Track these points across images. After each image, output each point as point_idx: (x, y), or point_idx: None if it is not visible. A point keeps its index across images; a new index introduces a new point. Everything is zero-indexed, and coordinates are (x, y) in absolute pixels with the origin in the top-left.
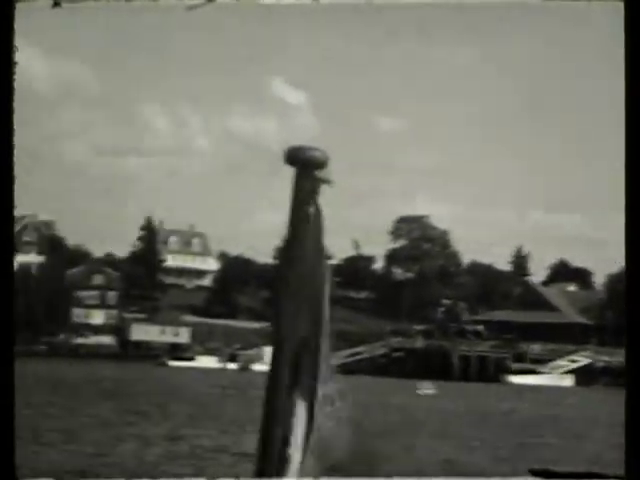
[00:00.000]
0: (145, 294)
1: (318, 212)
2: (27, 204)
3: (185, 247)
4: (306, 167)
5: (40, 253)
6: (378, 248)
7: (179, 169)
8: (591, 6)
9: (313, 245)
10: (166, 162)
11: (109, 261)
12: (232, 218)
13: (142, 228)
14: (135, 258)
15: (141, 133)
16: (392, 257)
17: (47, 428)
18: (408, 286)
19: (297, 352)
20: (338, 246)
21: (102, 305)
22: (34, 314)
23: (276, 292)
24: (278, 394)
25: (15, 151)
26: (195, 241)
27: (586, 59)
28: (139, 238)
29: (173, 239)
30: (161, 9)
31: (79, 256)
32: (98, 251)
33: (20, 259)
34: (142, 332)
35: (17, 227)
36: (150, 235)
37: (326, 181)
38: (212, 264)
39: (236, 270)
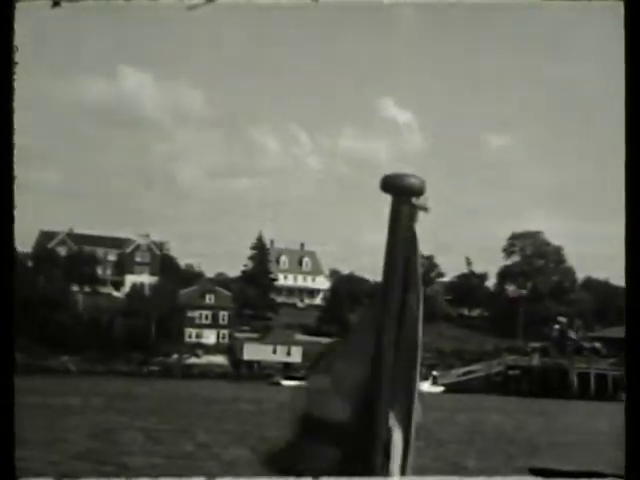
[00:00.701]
0: (257, 313)
1: (414, 238)
2: (140, 225)
3: (296, 266)
4: (402, 194)
5: (152, 274)
6: (491, 265)
7: (290, 189)
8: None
9: (409, 271)
10: (277, 182)
11: (221, 281)
12: (343, 237)
13: (253, 247)
14: (247, 277)
15: (252, 154)
16: (505, 274)
17: (157, 453)
18: (522, 303)
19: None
20: (450, 263)
21: (214, 325)
22: (146, 335)
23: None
24: (380, 423)
25: (126, 173)
26: (306, 260)
27: None
28: (250, 257)
29: (284, 258)
30: (161, 9)
31: (191, 276)
32: (210, 271)
33: (133, 279)
34: (254, 351)
35: (129, 248)
36: (261, 254)
37: (423, 208)
38: (323, 283)
39: (348, 288)
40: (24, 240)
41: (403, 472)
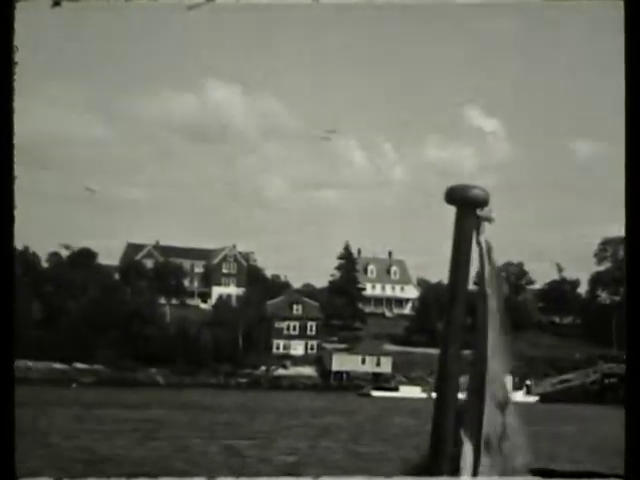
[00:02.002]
0: (345, 324)
1: (482, 249)
2: (226, 237)
3: (384, 275)
4: (467, 206)
5: (239, 285)
6: (582, 271)
7: (376, 199)
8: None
9: (478, 281)
10: (363, 193)
11: (308, 291)
12: (431, 245)
13: (340, 257)
14: (334, 288)
15: (338, 166)
16: (597, 280)
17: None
18: (615, 309)
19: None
20: (541, 270)
21: (302, 336)
22: (234, 347)
23: (447, 324)
24: (445, 434)
25: (213, 186)
26: (394, 269)
27: None
28: (338, 267)
29: (372, 267)
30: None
31: (278, 287)
32: (297, 282)
33: (220, 291)
34: (343, 362)
35: (216, 259)
36: (349, 264)
37: (487, 219)
38: (412, 292)
39: (436, 297)
40: (112, 253)
41: None
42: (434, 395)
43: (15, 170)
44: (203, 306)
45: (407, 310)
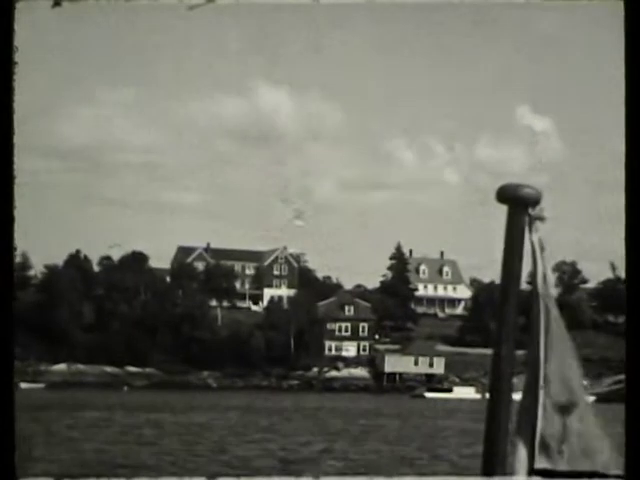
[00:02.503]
0: (397, 324)
1: (535, 248)
2: (278, 239)
3: (436, 275)
4: (518, 205)
5: (291, 287)
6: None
7: (427, 199)
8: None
9: (531, 280)
10: (414, 193)
11: (360, 292)
12: (483, 245)
13: (392, 257)
14: (386, 288)
15: (388, 166)
16: None
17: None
18: None
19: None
20: (595, 269)
21: (354, 337)
22: (286, 349)
23: (499, 323)
24: (499, 435)
25: (264, 189)
26: (446, 269)
27: None
28: (389, 268)
29: (424, 267)
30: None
31: (329, 288)
32: (348, 283)
33: (271, 293)
34: (396, 363)
35: (267, 261)
36: (400, 264)
37: (540, 218)
38: (464, 292)
39: (489, 297)
40: (162, 256)
41: None
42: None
43: (69, 175)
44: (254, 308)
45: (460, 310)
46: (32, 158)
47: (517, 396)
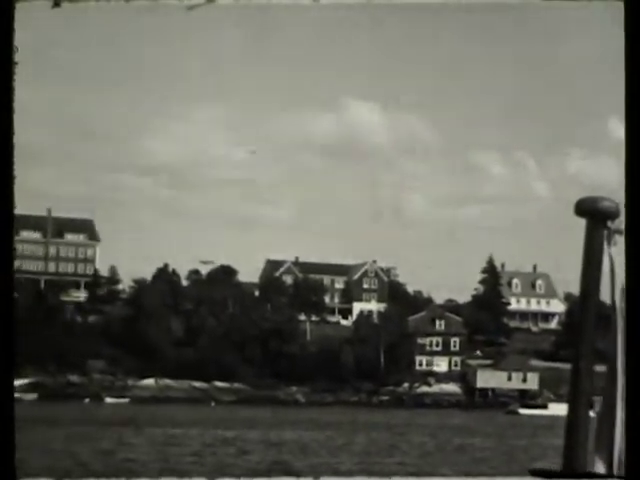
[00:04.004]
0: (489, 339)
1: (613, 261)
2: (367, 253)
3: (529, 289)
4: (597, 218)
5: (380, 300)
6: None
7: (519, 213)
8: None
9: (610, 293)
10: (506, 207)
11: (451, 306)
12: (576, 259)
13: (483, 271)
14: (477, 302)
15: (479, 181)
16: None
17: None
18: None
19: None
20: None
21: (445, 352)
22: (376, 363)
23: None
24: (578, 450)
25: (354, 203)
26: (539, 283)
27: None
28: (481, 281)
29: (516, 281)
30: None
31: (420, 303)
32: (439, 297)
33: (361, 307)
34: (488, 378)
35: (357, 275)
36: (492, 278)
37: (618, 231)
38: (558, 306)
39: None
40: (251, 270)
41: None
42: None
43: (159, 191)
44: (344, 322)
45: (554, 325)
46: (126, 175)
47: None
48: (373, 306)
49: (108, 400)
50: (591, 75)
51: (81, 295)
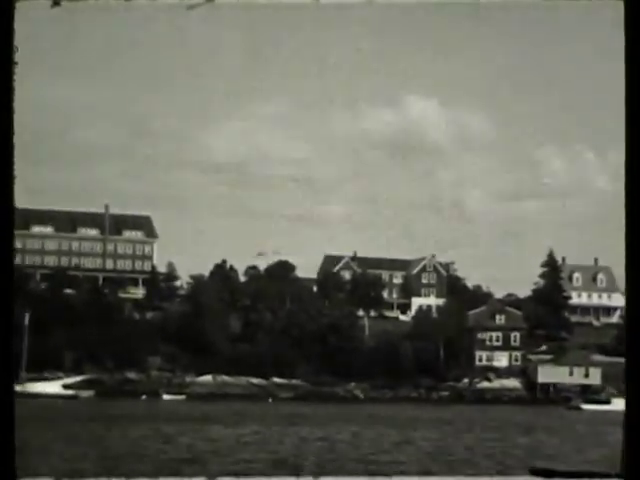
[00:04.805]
0: (550, 333)
1: None
2: (426, 248)
3: (590, 283)
4: None
5: (439, 295)
6: None
7: (579, 207)
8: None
9: None
10: (565, 201)
11: (511, 301)
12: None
13: (544, 265)
14: (538, 296)
15: (538, 175)
16: None
17: None
18: None
19: None
20: None
21: (505, 346)
22: (435, 359)
23: None
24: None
25: (413, 199)
26: (600, 276)
27: None
28: (541, 275)
29: (577, 275)
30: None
31: (479, 297)
32: (499, 291)
33: (419, 302)
34: (549, 374)
35: (415, 269)
36: (553, 272)
37: None
38: (620, 300)
39: None
40: (309, 266)
41: None
42: None
43: (218, 188)
44: (403, 318)
45: (615, 319)
46: (184, 172)
47: None
48: (432, 301)
49: (165, 397)
50: None
51: (139, 292)
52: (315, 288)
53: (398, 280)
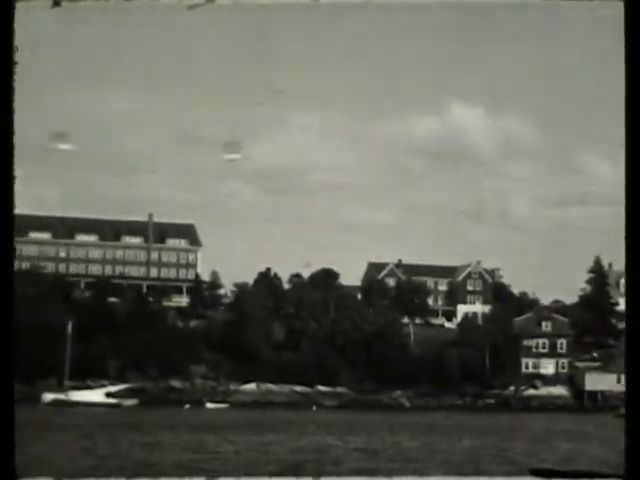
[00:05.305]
0: (597, 340)
1: None
2: (471, 255)
3: None
4: None
5: (485, 302)
6: None
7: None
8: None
9: None
10: (612, 208)
11: (557, 308)
12: None
13: (590, 271)
14: (585, 303)
15: (584, 182)
16: None
17: None
18: None
19: None
20: None
21: (552, 354)
22: (481, 366)
23: None
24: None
25: (458, 206)
26: None
27: None
28: (588, 282)
29: (624, 281)
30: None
31: (525, 304)
32: (545, 298)
33: (465, 309)
34: (597, 381)
35: (461, 276)
36: (600, 278)
37: None
38: None
39: None
40: (353, 274)
41: None
42: None
43: (261, 196)
44: (448, 325)
45: None
46: (228, 181)
47: None
48: (478, 308)
49: (209, 405)
50: None
51: (183, 300)
52: (359, 295)
53: (443, 287)
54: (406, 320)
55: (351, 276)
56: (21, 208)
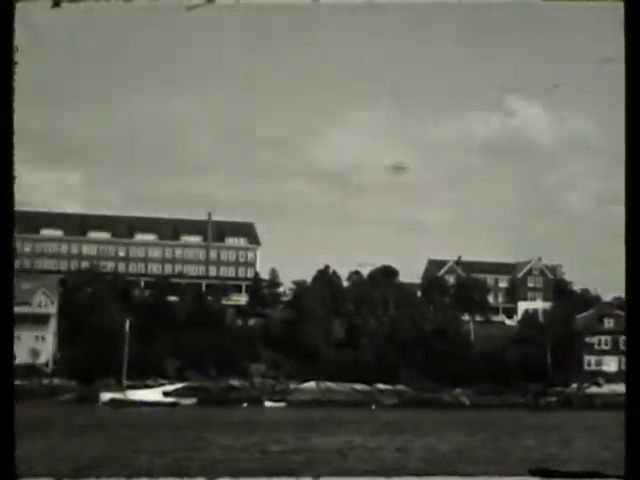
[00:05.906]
0: None
1: None
2: (529, 251)
3: None
4: None
5: (546, 299)
6: None
7: None
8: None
9: None
10: None
11: (619, 304)
12: None
13: None
14: None
15: None
16: None
17: None
18: None
19: None
20: None
21: (615, 351)
22: (542, 364)
23: None
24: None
25: (517, 202)
26: None
27: None
28: None
29: None
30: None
31: (587, 301)
32: (607, 294)
33: (526, 306)
34: None
35: (521, 273)
36: None
37: None
38: None
39: None
40: (413, 272)
41: None
42: None
43: (321, 195)
44: (508, 322)
45: None
46: (288, 180)
47: None
48: (538, 305)
49: (267, 404)
50: None
51: (242, 299)
52: (419, 293)
53: (503, 284)
54: (466, 317)
55: (411, 273)
56: (80, 208)
